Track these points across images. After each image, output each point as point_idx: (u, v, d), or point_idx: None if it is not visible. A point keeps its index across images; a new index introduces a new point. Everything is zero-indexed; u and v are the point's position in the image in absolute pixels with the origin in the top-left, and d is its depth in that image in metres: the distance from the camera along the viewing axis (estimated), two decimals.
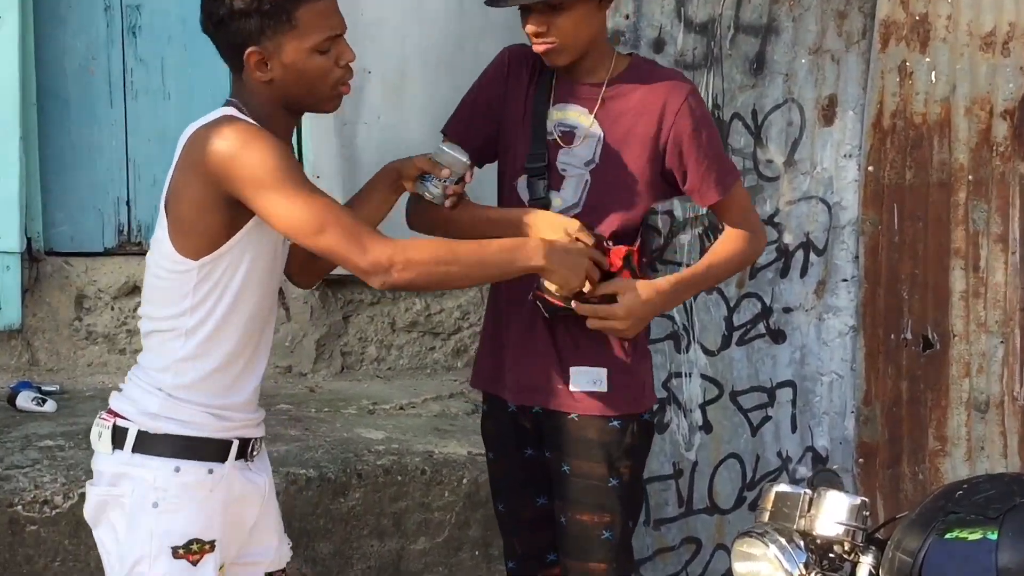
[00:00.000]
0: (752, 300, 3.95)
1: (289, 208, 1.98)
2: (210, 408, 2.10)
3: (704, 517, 3.88)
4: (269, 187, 1.97)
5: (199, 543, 2.06)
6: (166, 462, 2.05)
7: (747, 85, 3.90)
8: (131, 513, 2.05)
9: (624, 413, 2.47)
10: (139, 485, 2.05)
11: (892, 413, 4.07)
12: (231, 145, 1.98)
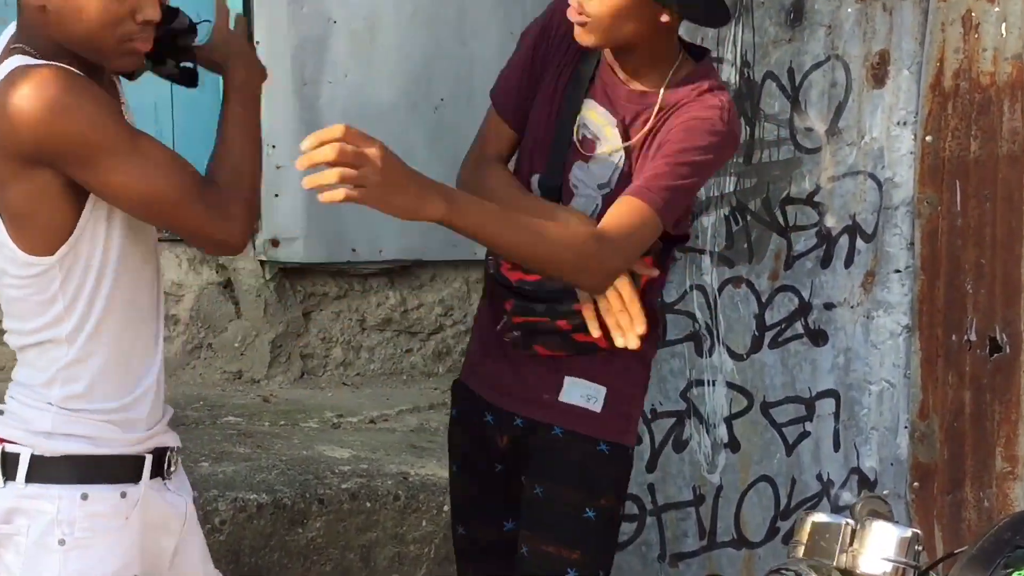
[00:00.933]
0: (788, 294, 3.94)
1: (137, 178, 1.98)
2: (112, 414, 2.06)
3: (730, 551, 3.87)
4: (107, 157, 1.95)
5: None
6: (70, 489, 2.02)
7: (782, 39, 3.89)
8: (29, 554, 2.02)
9: (615, 440, 2.48)
10: (38, 520, 2.02)
11: (953, 429, 4.06)
12: (36, 111, 1.90)
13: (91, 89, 1.96)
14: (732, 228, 3.90)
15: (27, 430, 2.05)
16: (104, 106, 1.97)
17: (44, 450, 2.02)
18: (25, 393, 2.09)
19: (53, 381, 2.06)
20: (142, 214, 2.03)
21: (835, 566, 2.23)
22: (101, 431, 2.06)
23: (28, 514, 2.02)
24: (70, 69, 1.96)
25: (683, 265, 3.91)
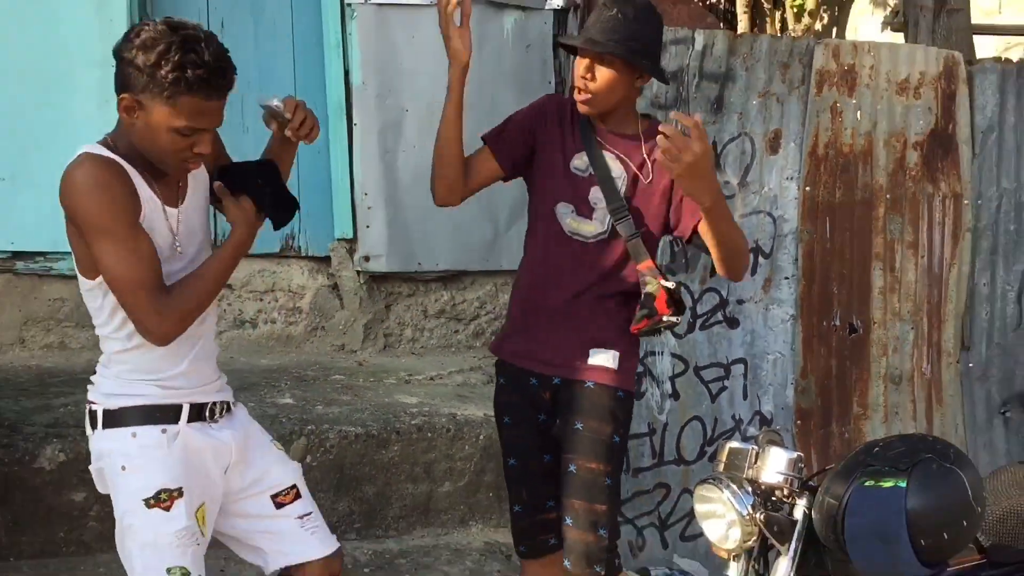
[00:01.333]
0: (712, 294, 3.93)
1: (109, 262, 1.85)
2: (155, 381, 1.99)
3: (673, 467, 3.86)
4: (100, 238, 1.84)
5: (167, 492, 1.96)
6: (124, 431, 1.96)
7: (709, 121, 3.88)
8: (110, 479, 1.99)
9: (627, 388, 2.47)
10: (110, 455, 1.98)
11: (824, 385, 4.05)
12: (75, 189, 1.83)
13: (117, 183, 1.84)
14: (674, 249, 3.89)
15: (99, 392, 2.01)
16: (118, 199, 1.84)
17: (108, 405, 1.98)
18: (99, 369, 2.04)
19: (110, 361, 2.01)
20: (108, 286, 1.90)
21: (744, 477, 2.24)
22: (145, 390, 1.98)
23: (104, 451, 1.99)
24: (113, 161, 1.86)
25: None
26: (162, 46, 1.79)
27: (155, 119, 1.83)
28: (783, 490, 2.20)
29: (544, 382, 2.47)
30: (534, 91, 4.39)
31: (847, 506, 2.05)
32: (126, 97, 1.82)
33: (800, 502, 2.19)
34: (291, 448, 3.12)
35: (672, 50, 3.79)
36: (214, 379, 2.10)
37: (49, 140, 3.77)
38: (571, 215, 2.43)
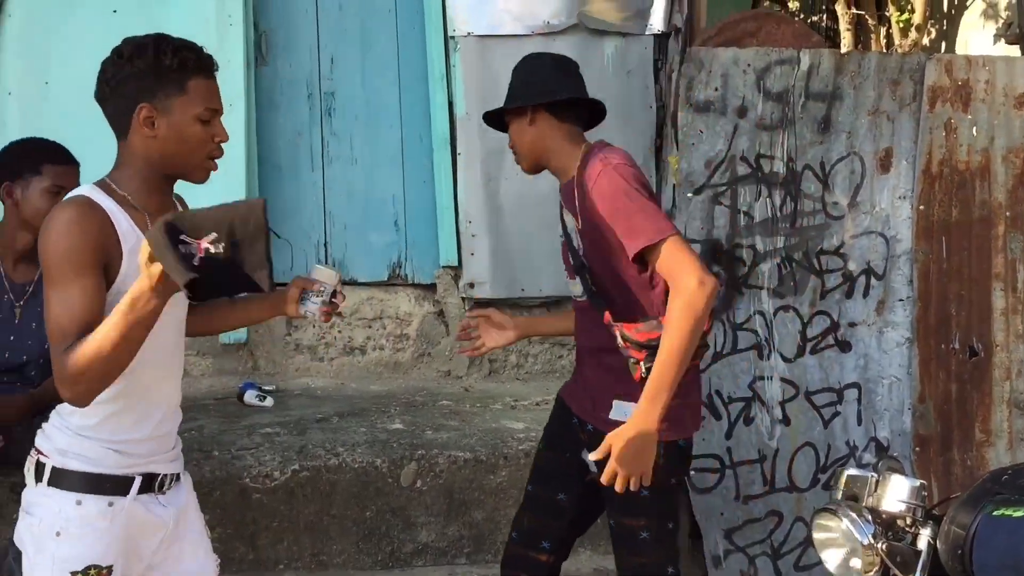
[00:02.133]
0: (823, 316, 3.85)
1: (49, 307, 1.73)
2: (113, 444, 1.86)
3: (785, 494, 3.77)
4: (50, 282, 1.73)
5: (97, 568, 1.84)
6: (69, 496, 1.84)
7: (816, 142, 3.82)
8: (37, 537, 1.85)
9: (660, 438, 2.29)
10: (46, 514, 1.84)
11: (943, 410, 3.91)
12: (43, 231, 1.75)
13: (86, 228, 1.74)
14: (782, 272, 3.82)
15: (51, 445, 1.87)
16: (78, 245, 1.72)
17: (58, 463, 1.85)
18: (55, 417, 1.91)
19: (73, 412, 1.85)
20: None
21: (864, 506, 2.18)
22: (102, 455, 1.86)
23: (41, 508, 1.86)
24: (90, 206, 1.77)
25: (748, 298, 3.85)
26: (150, 46, 1.81)
27: (177, 115, 1.81)
28: (905, 519, 2.13)
29: (582, 424, 2.45)
30: (635, 117, 4.41)
31: (975, 537, 1.97)
32: (145, 108, 1.80)
33: (924, 532, 2.12)
34: (402, 473, 3.17)
35: (777, 70, 3.76)
36: (171, 447, 2.00)
37: None
38: (567, 278, 2.46)
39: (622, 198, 2.21)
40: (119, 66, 1.81)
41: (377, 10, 4.38)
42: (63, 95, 3.85)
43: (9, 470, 2.75)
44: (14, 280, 2.72)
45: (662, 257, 2.16)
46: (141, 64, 1.80)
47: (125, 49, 1.83)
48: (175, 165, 1.86)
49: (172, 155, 1.84)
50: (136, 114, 1.80)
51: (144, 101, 1.79)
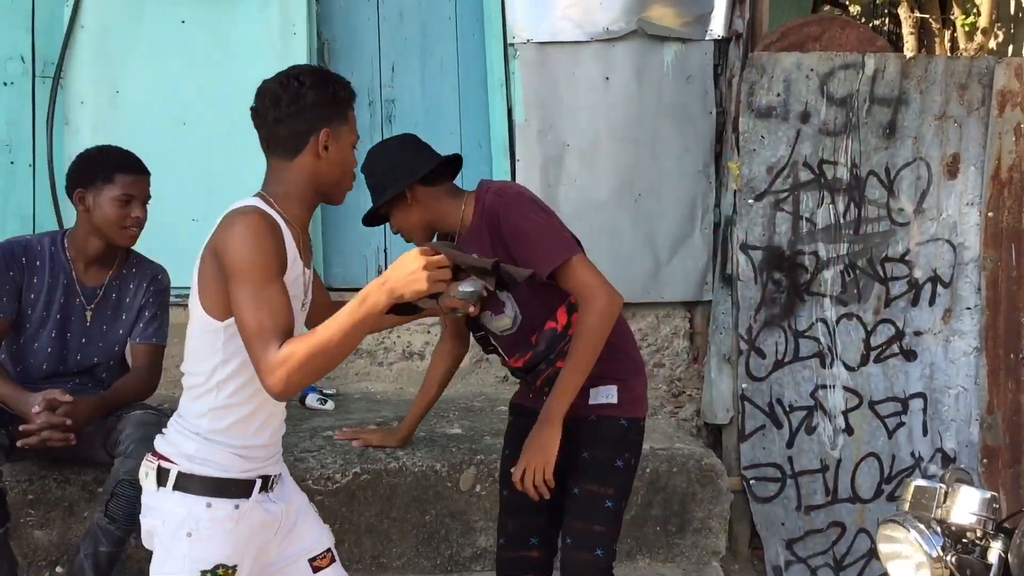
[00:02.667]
0: (887, 325, 3.79)
1: (242, 311, 1.80)
2: (238, 450, 1.95)
3: (848, 505, 3.72)
4: (241, 285, 1.80)
5: (224, 568, 1.93)
6: (199, 499, 1.92)
7: (880, 147, 3.76)
8: (168, 540, 1.93)
9: (630, 416, 2.46)
10: (174, 517, 1.92)
11: (1012, 421, 3.82)
12: (231, 234, 1.83)
13: (273, 236, 1.85)
14: (846, 279, 3.77)
15: (177, 451, 1.94)
16: (270, 251, 1.83)
17: (186, 469, 1.92)
18: (182, 422, 1.97)
19: (203, 416, 1.93)
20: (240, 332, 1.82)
21: (932, 517, 2.13)
22: (229, 461, 1.94)
23: (169, 512, 1.92)
24: (273, 218, 1.87)
25: (810, 305, 3.80)
26: (329, 77, 1.97)
27: (343, 141, 1.97)
28: (976, 532, 2.08)
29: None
30: (695, 123, 4.38)
31: None
32: (325, 132, 1.93)
33: (995, 545, 2.06)
34: (461, 477, 3.18)
35: (841, 75, 3.72)
36: (280, 450, 2.10)
37: (236, 183, 3.97)
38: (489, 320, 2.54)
39: (526, 223, 2.37)
40: (299, 92, 1.93)
41: (437, 18, 4.42)
42: (133, 104, 3.95)
43: (80, 468, 2.83)
44: (85, 284, 2.79)
45: (573, 275, 2.34)
46: (323, 93, 1.93)
47: (302, 76, 1.95)
48: (329, 186, 1.99)
49: (331, 177, 1.97)
50: (316, 137, 1.93)
51: (324, 125, 1.93)
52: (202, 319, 1.89)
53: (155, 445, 1.99)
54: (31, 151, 4.00)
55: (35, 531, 2.80)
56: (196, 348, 1.93)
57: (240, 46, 4.02)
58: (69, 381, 2.78)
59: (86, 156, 2.75)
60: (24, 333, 2.76)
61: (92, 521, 2.55)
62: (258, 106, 1.98)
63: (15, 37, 3.99)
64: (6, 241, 2.77)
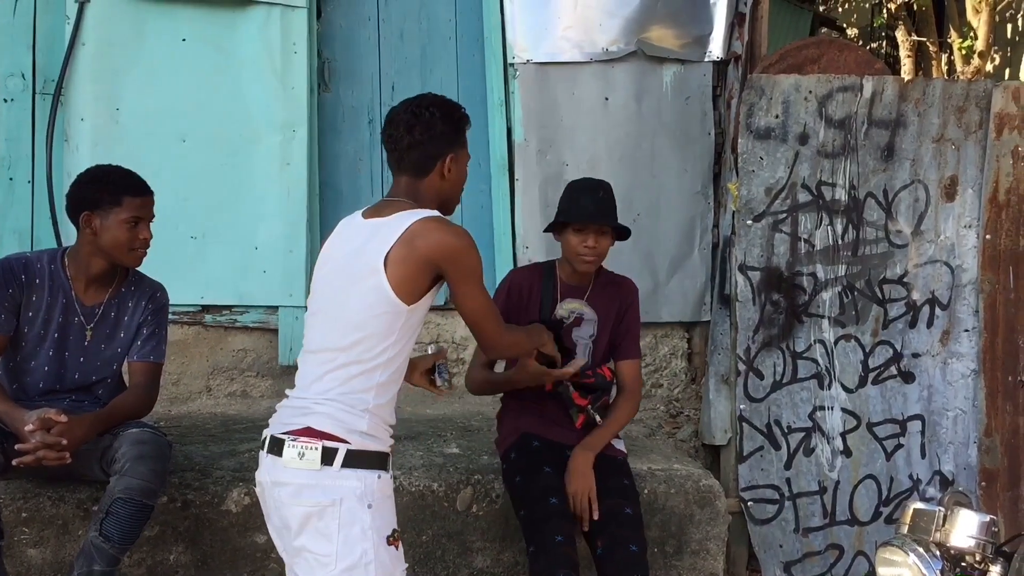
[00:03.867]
0: (885, 347, 3.79)
1: (477, 301, 2.20)
2: (387, 425, 2.17)
3: (846, 527, 3.70)
4: (473, 282, 2.18)
5: (396, 532, 2.12)
6: (371, 473, 2.07)
7: (879, 169, 3.78)
8: (349, 516, 2.04)
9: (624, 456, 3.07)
10: (352, 493, 2.04)
11: (1010, 443, 3.81)
12: (457, 242, 2.15)
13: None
14: (844, 300, 3.78)
15: (351, 430, 2.07)
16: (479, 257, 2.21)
17: (357, 445, 2.06)
18: (341, 402, 2.11)
19: (369, 391, 2.10)
20: (465, 316, 2.24)
21: (931, 540, 2.13)
22: (385, 435, 2.14)
23: (337, 490, 2.04)
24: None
25: (808, 326, 3.81)
26: (453, 109, 2.26)
27: (462, 161, 2.28)
28: (975, 555, 2.08)
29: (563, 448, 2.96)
30: (694, 144, 4.40)
31: None
32: (451, 156, 2.23)
33: (994, 568, 2.06)
34: (459, 497, 3.17)
35: (839, 97, 3.73)
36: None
37: (235, 201, 4.04)
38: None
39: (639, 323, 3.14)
40: (430, 123, 2.21)
41: (438, 38, 4.44)
42: (133, 121, 3.95)
43: (75, 486, 2.81)
44: (85, 303, 2.78)
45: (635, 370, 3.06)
46: (450, 122, 2.24)
47: (432, 108, 2.24)
48: (445, 202, 2.28)
49: (451, 193, 2.29)
50: (443, 161, 2.22)
51: (449, 152, 2.23)
52: (390, 302, 2.10)
53: (311, 425, 2.09)
54: (30, 167, 4.00)
55: (29, 549, 2.78)
56: (372, 328, 2.11)
57: (240, 64, 4.04)
58: (66, 398, 2.77)
59: (91, 177, 2.74)
60: (22, 351, 2.75)
61: (87, 540, 2.53)
62: (392, 132, 2.24)
63: (16, 54, 4.00)
64: (5, 258, 2.76)
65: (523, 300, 3.00)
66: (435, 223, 2.16)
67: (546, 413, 3.01)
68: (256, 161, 4.06)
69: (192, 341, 4.08)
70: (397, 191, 2.25)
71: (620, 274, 3.13)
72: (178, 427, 3.61)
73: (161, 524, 2.84)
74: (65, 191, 3.07)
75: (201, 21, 4.02)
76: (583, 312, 2.99)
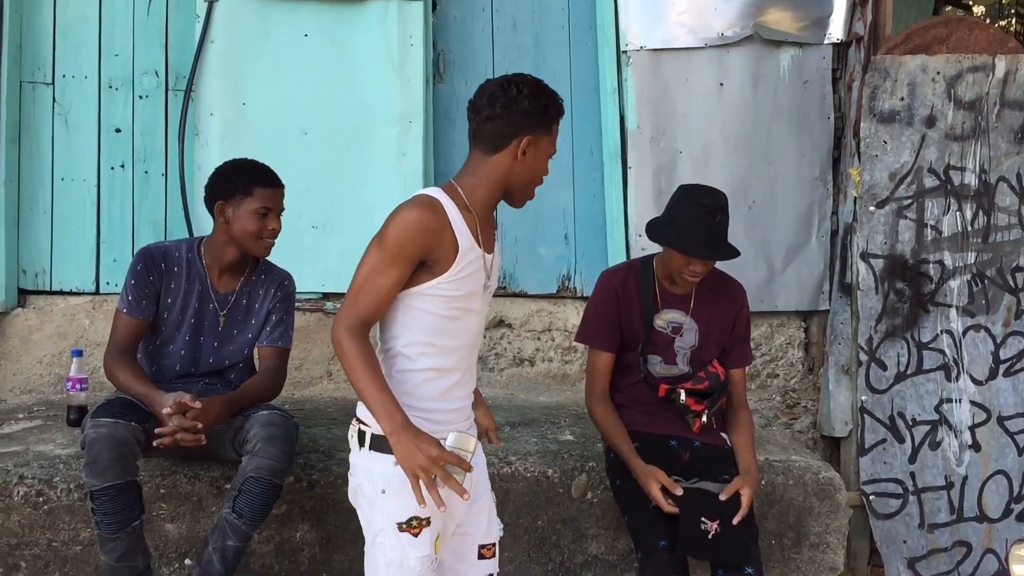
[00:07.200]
0: (1018, 337, 3.63)
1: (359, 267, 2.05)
2: (422, 412, 2.08)
3: (974, 524, 3.56)
4: (373, 244, 2.05)
5: (417, 520, 2.07)
6: (389, 457, 2.03)
7: (1012, 152, 3.60)
8: (368, 497, 2.10)
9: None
10: (372, 476, 2.09)
11: None
12: (395, 214, 2.05)
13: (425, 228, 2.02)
14: (973, 289, 3.62)
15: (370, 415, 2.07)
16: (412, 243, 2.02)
17: (378, 430, 2.05)
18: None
19: (390, 378, 2.08)
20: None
21: None
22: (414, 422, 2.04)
23: (367, 471, 2.10)
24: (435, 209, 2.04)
25: (935, 316, 3.67)
26: (544, 91, 2.12)
27: (542, 150, 2.13)
28: None
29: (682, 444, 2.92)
30: (812, 129, 4.28)
31: None
32: (528, 139, 2.10)
33: None
34: (573, 484, 3.18)
35: (969, 78, 3.58)
36: (467, 417, 2.22)
37: (353, 191, 4.13)
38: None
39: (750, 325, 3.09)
40: (515, 97, 2.10)
41: (551, 27, 4.44)
42: (258, 115, 4.08)
43: (209, 465, 2.94)
44: (219, 290, 2.90)
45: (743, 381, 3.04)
46: (536, 103, 2.10)
47: (522, 85, 2.12)
48: (516, 188, 2.15)
49: (521, 181, 2.14)
50: (518, 141, 2.09)
51: (528, 133, 2.10)
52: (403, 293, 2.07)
53: (357, 411, 2.15)
54: (163, 161, 4.18)
55: (166, 524, 2.92)
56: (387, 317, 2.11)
57: (359, 57, 4.12)
58: (200, 381, 2.90)
59: (227, 169, 2.86)
60: (160, 335, 2.89)
61: (220, 516, 2.64)
62: (476, 101, 2.14)
63: (150, 53, 4.19)
64: (146, 248, 2.90)
65: (620, 305, 2.90)
66: (406, 202, 2.07)
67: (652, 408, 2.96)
68: (374, 152, 4.14)
69: (314, 327, 4.20)
70: (462, 168, 2.17)
71: (727, 274, 2.99)
72: (301, 410, 3.73)
73: (288, 503, 2.95)
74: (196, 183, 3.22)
75: (322, 16, 4.12)
76: (683, 322, 2.90)
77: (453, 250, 2.06)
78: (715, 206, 2.76)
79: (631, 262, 3.05)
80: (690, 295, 2.89)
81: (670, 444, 2.89)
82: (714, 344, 2.92)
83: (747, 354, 2.98)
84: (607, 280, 2.96)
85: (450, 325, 2.10)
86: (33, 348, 4.08)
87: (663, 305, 2.90)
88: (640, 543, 2.73)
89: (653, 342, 2.90)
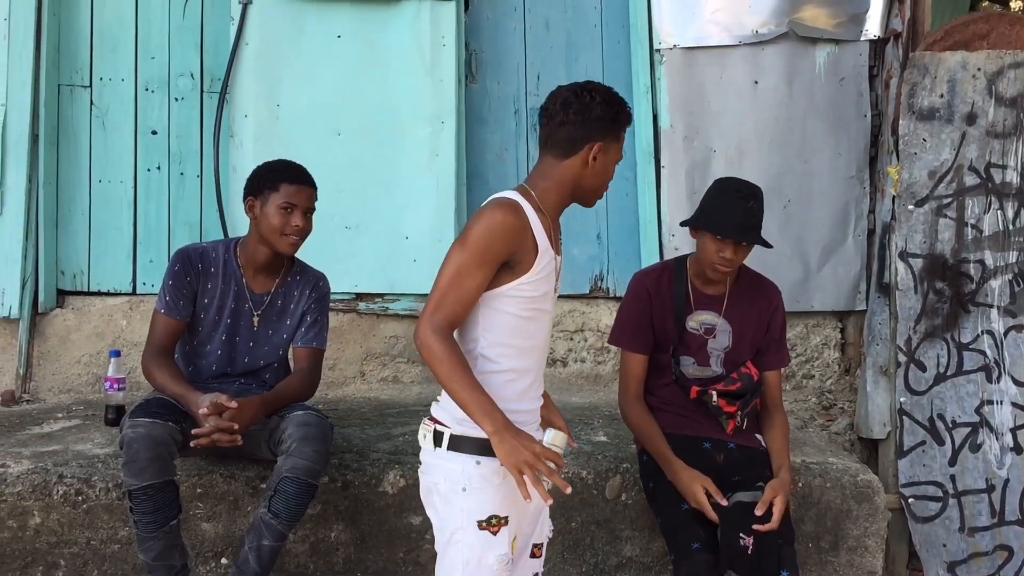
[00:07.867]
0: None
1: (447, 264, 2.05)
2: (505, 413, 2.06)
3: (1016, 528, 3.50)
4: (456, 247, 2.04)
5: (497, 518, 2.10)
6: (470, 458, 2.09)
7: None
8: (446, 495, 2.12)
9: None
10: (451, 474, 2.11)
11: None
12: (480, 215, 2.05)
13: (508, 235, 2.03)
14: (1015, 289, 3.56)
15: (451, 416, 2.11)
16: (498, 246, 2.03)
17: (458, 431, 2.10)
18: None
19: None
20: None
21: None
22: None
23: (446, 470, 2.11)
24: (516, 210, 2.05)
25: (975, 316, 3.60)
26: (615, 99, 2.15)
27: (611, 156, 2.16)
28: None
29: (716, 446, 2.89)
30: (848, 126, 4.23)
31: None
32: (599, 145, 2.13)
33: None
34: (607, 485, 3.16)
35: (1011, 74, 3.52)
36: (536, 420, 2.23)
37: (386, 191, 4.14)
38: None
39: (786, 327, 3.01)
40: (588, 104, 2.13)
41: (583, 26, 4.42)
42: (292, 116, 4.11)
43: (245, 464, 2.95)
44: (254, 291, 2.92)
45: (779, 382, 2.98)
46: (607, 110, 2.13)
47: (595, 92, 2.15)
48: (586, 192, 2.19)
49: (591, 185, 2.18)
50: (590, 147, 2.13)
51: (599, 139, 2.13)
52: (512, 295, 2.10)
53: (431, 411, 2.19)
54: (199, 162, 4.22)
55: (203, 523, 2.93)
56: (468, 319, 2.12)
57: (391, 58, 4.13)
58: (236, 381, 2.91)
59: (261, 168, 2.89)
60: (197, 335, 2.91)
61: (256, 516, 2.65)
62: (548, 107, 2.16)
63: (185, 55, 4.22)
64: (183, 249, 2.92)
65: (652, 307, 2.90)
66: (488, 205, 2.09)
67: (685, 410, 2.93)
68: (406, 153, 4.15)
69: (347, 328, 4.21)
70: (532, 172, 2.19)
71: (761, 275, 2.96)
72: (335, 410, 3.74)
73: (323, 503, 2.95)
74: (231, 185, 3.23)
75: (355, 17, 4.13)
76: (715, 324, 2.88)
77: (533, 251, 2.08)
78: (748, 192, 2.75)
79: (664, 263, 3.03)
80: (723, 296, 2.87)
81: (704, 446, 2.87)
82: (748, 345, 2.89)
83: (783, 356, 2.94)
84: (639, 281, 2.94)
85: (527, 326, 2.12)
86: (71, 348, 4.13)
87: (696, 306, 2.88)
88: (673, 545, 2.70)
89: (685, 343, 2.88)
